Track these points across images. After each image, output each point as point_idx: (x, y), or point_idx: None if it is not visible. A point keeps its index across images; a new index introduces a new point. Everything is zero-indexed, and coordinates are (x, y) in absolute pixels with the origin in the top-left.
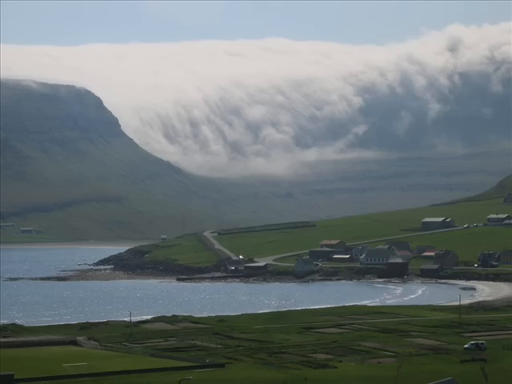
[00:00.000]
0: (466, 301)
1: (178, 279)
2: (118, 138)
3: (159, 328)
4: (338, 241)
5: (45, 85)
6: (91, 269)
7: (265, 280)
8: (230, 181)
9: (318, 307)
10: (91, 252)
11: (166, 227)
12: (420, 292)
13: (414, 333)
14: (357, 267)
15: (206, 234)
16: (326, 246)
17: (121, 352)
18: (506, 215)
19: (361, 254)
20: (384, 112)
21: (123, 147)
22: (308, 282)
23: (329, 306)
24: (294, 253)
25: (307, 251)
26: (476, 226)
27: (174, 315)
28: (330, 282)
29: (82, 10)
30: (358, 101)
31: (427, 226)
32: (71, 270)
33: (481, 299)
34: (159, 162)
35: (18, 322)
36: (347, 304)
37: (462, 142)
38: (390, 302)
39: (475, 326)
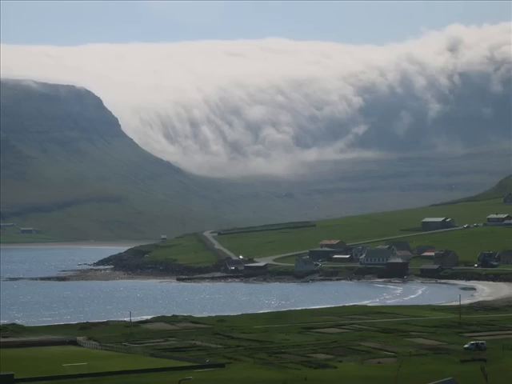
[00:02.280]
0: (466, 301)
1: (178, 279)
2: (118, 138)
3: (159, 328)
4: (338, 241)
5: (45, 85)
6: (91, 269)
7: (265, 280)
8: (229, 181)
9: (318, 307)
10: (91, 252)
11: (166, 227)
12: (420, 292)
13: (413, 333)
14: (357, 267)
15: (206, 234)
16: (326, 245)
17: (121, 352)
18: (506, 215)
19: (361, 254)
20: (384, 112)
21: (123, 147)
22: (308, 281)
23: (329, 306)
24: (294, 253)
25: (307, 251)
26: (476, 226)
27: (174, 315)
28: (330, 282)
29: (82, 10)
30: (357, 101)
31: (427, 225)
32: (71, 270)
33: (481, 299)
34: (159, 162)
35: (18, 321)
36: (347, 304)
37: (462, 141)
38: (390, 301)
39: (475, 325)
